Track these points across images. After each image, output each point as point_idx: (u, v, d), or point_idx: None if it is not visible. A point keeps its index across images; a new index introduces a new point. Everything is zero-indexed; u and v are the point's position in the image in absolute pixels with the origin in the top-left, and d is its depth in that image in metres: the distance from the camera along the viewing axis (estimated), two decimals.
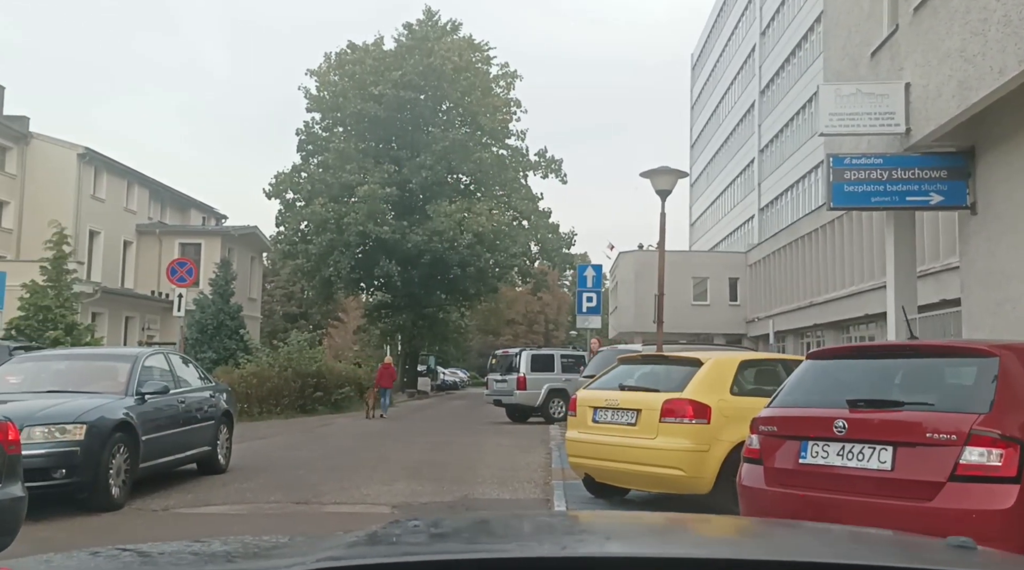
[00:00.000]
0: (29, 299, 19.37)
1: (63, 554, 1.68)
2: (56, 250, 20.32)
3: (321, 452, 14.18)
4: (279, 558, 1.61)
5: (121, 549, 1.73)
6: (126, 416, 8.17)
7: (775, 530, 2.26)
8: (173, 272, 18.78)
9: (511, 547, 1.69)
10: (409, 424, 22.02)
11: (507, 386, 22.51)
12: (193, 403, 9.94)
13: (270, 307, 54.25)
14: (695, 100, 77.53)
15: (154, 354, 9.74)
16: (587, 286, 22.06)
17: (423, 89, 37.69)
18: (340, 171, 36.49)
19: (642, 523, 2.33)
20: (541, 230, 39.31)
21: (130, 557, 1.71)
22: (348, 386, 27.57)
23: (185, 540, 1.83)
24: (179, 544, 1.77)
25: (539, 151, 40.65)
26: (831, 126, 10.58)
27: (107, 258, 39.31)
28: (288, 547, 1.72)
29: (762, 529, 2.29)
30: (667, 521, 2.69)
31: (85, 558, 1.69)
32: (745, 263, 51.08)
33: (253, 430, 18.69)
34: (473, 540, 1.82)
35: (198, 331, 24.94)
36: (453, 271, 37.36)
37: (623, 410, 7.73)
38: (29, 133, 37.46)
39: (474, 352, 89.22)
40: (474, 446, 15.46)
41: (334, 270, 36.99)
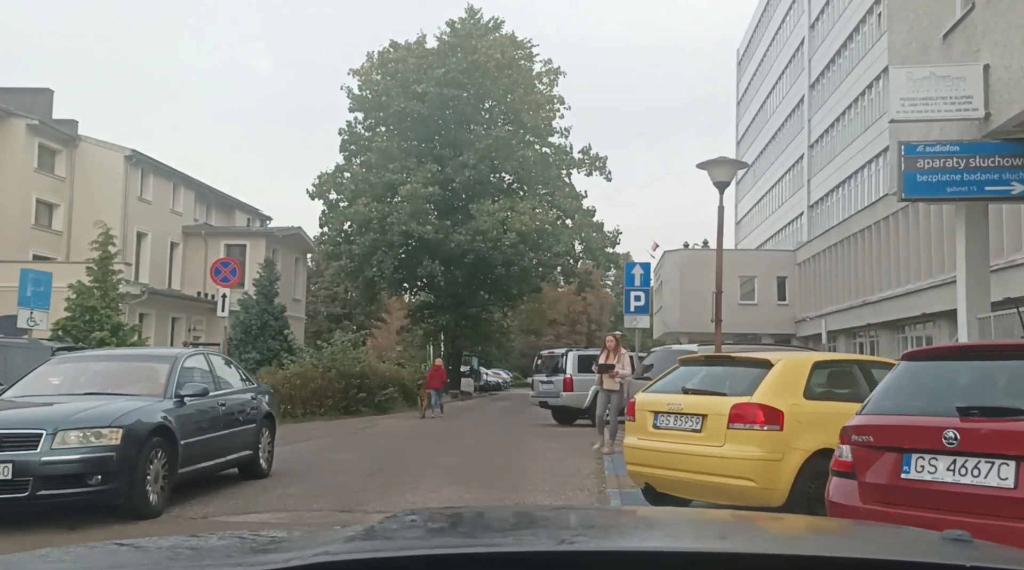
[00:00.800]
0: (75, 300, 19.37)
1: (60, 549, 1.68)
2: (102, 251, 20.32)
3: (365, 455, 13.84)
4: (276, 553, 1.59)
5: (119, 544, 1.73)
6: (164, 419, 7.85)
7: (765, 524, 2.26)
8: (217, 272, 18.63)
9: (508, 541, 1.67)
10: (454, 426, 21.64)
11: (553, 387, 21.99)
12: (234, 405, 9.62)
13: (314, 308, 54.47)
14: (740, 96, 76.34)
15: (194, 355, 9.43)
16: (635, 285, 21.44)
17: (466, 87, 37.35)
18: (383, 170, 36.31)
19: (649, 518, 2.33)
20: (585, 229, 38.72)
21: (127, 552, 1.71)
22: (392, 387, 27.31)
23: (182, 535, 1.83)
24: (176, 539, 1.78)
25: (583, 148, 40.09)
26: (903, 111, 9.92)
27: (154, 259, 39.70)
28: (286, 542, 1.71)
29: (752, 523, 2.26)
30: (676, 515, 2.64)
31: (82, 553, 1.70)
32: (794, 261, 49.97)
33: (296, 432, 18.46)
34: (470, 534, 1.82)
35: (242, 332, 24.87)
36: (496, 271, 36.94)
37: (687, 415, 7.19)
38: (77, 136, 37.95)
39: (516, 352, 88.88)
40: (522, 449, 15.00)
41: (377, 270, 36.85)
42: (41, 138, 35.88)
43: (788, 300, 49.63)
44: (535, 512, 2.48)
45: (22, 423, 7.09)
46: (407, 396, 29.44)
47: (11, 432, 6.92)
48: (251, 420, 10.00)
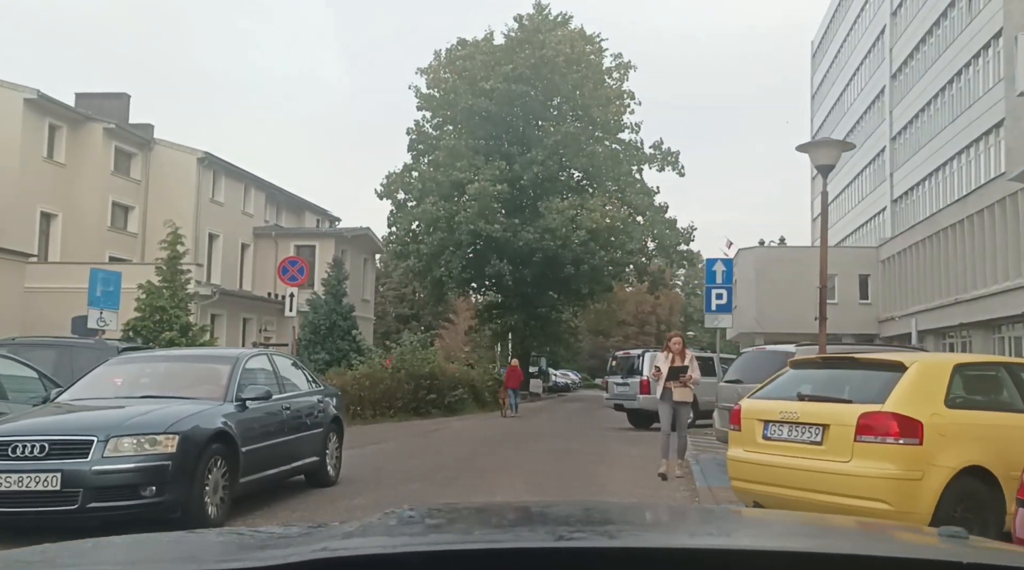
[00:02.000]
0: (145, 300, 19.27)
1: (58, 544, 1.70)
2: (170, 250, 20.21)
3: (436, 461, 13.19)
4: (275, 550, 1.55)
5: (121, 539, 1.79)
6: (224, 425, 7.27)
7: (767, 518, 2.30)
8: (284, 271, 18.28)
9: (506, 537, 1.68)
10: (527, 428, 20.90)
11: (629, 390, 21.04)
12: (299, 409, 9.04)
13: (383, 308, 54.58)
14: (816, 90, 74.03)
15: (256, 355, 8.87)
16: (716, 282, 20.40)
17: (534, 83, 36.60)
18: (450, 169, 35.83)
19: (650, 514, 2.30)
20: (657, 225, 37.56)
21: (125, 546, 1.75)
22: (461, 388, 26.74)
23: (179, 531, 1.86)
24: (175, 535, 1.80)
25: (655, 143, 38.94)
26: None
27: (226, 261, 40.05)
28: (284, 538, 1.71)
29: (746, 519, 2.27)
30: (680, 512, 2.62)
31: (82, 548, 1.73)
32: (876, 258, 47.92)
33: (366, 434, 17.98)
34: (468, 531, 1.83)
35: (311, 332, 24.58)
36: (566, 270, 36.08)
37: (804, 425, 6.28)
38: (152, 139, 38.48)
39: (584, 353, 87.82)
40: (600, 456, 14.16)
41: (445, 270, 36.38)
42: (118, 142, 36.47)
43: (871, 299, 47.58)
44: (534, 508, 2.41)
45: (72, 429, 6.59)
46: (477, 397, 28.85)
47: (60, 438, 6.41)
48: (317, 424, 9.41)
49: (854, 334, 46.74)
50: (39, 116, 33.09)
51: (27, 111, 32.41)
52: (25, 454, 6.27)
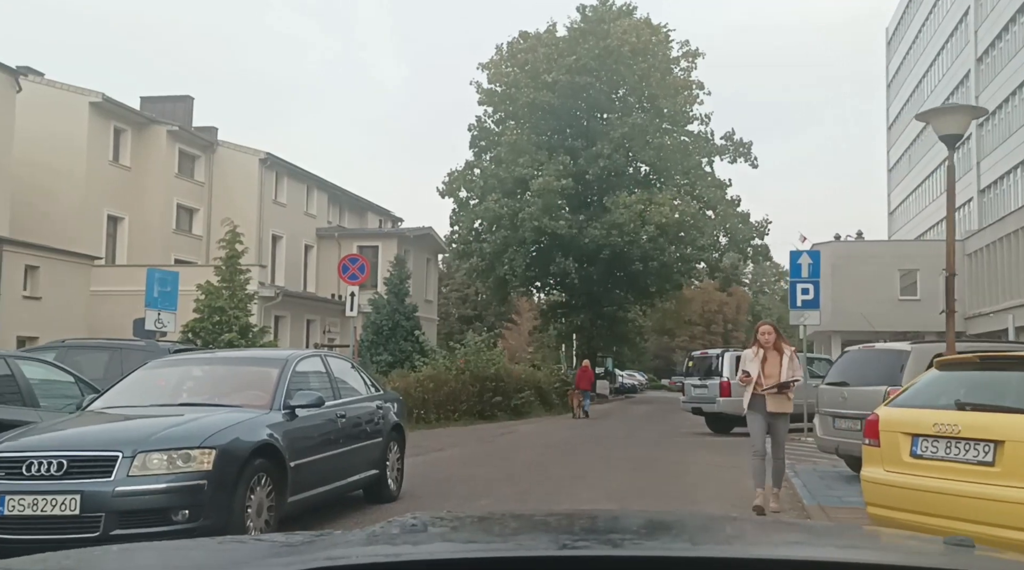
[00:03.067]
0: (204, 300, 18.75)
1: (59, 553, 1.70)
2: (229, 249, 19.66)
3: (506, 470, 12.18)
4: (279, 557, 1.56)
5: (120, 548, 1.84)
6: (269, 437, 6.37)
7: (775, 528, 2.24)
8: (344, 269, 17.51)
9: (508, 546, 1.68)
10: (598, 433, 19.76)
11: (708, 392, 19.71)
12: (357, 417, 8.11)
13: (445, 310, 54.15)
14: (891, 78, 71.13)
15: (308, 357, 7.95)
16: (801, 276, 18.95)
17: (598, 74, 35.32)
18: (513, 165, 34.82)
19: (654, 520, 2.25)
20: (730, 219, 35.94)
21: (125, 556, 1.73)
22: (528, 390, 25.74)
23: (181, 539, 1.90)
24: (176, 543, 1.82)
25: (726, 134, 37.30)
26: None
27: (289, 262, 39.87)
28: (287, 546, 1.68)
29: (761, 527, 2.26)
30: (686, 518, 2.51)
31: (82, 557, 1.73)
32: (963, 252, 45.32)
33: (430, 439, 17.10)
34: (471, 539, 1.82)
35: (373, 332, 23.86)
36: (634, 266, 34.73)
37: (969, 441, 5.06)
38: (215, 141, 38.48)
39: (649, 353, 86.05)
40: (684, 466, 12.97)
41: (509, 268, 35.39)
42: (181, 144, 36.50)
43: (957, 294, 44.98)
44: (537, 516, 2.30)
45: (94, 443, 5.73)
46: (543, 400, 27.82)
47: (80, 454, 5.56)
48: (376, 433, 8.48)
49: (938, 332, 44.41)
50: (104, 119, 33.24)
51: (93, 115, 32.57)
52: (41, 472, 5.45)
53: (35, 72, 34.28)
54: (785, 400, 8.57)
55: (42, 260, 25.33)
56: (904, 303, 44.21)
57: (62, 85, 32.92)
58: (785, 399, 8.56)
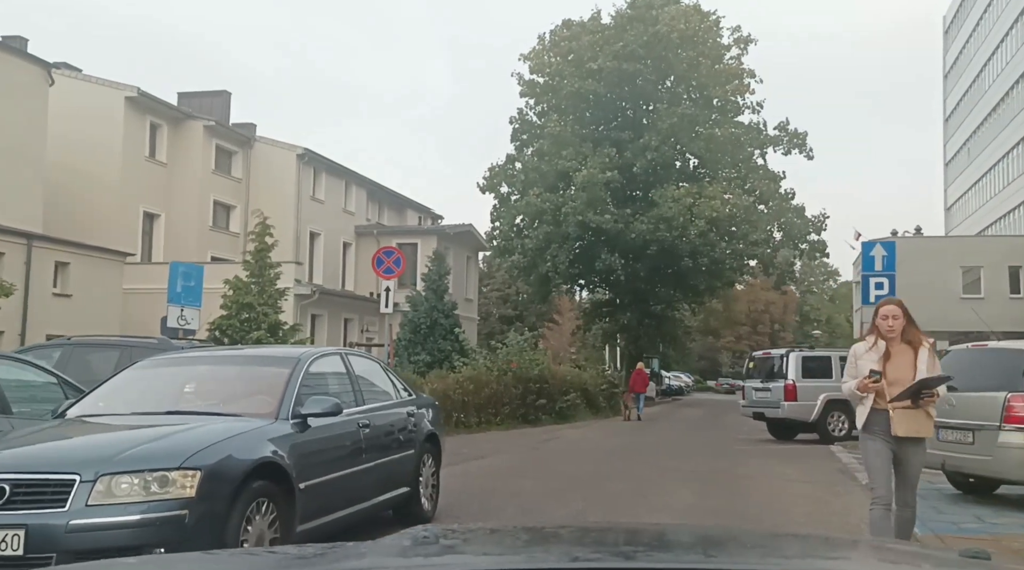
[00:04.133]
0: (231, 296, 17.73)
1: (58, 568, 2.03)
2: (258, 242, 18.62)
3: (554, 483, 10.89)
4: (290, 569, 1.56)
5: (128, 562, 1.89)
6: (273, 454, 5.15)
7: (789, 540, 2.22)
8: (379, 262, 16.39)
9: (519, 559, 1.67)
10: (651, 440, 18.36)
11: (771, 396, 18.19)
12: (384, 426, 6.89)
13: (486, 309, 53.31)
14: (948, 69, 68.54)
15: (325, 355, 6.67)
16: (875, 269, 17.32)
17: (646, 61, 33.77)
18: (556, 158, 33.47)
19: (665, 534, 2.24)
20: (784, 214, 34.18)
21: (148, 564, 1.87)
22: (573, 392, 24.40)
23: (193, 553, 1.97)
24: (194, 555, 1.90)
25: (779, 124, 35.55)
26: None
27: (327, 259, 39.04)
28: (300, 558, 1.69)
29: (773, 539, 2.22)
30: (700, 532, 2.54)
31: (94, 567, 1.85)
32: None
33: (469, 445, 15.88)
34: (482, 551, 1.80)
35: (411, 331, 22.70)
36: (683, 263, 33.17)
37: None
38: (252, 137, 37.77)
39: (694, 354, 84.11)
40: (754, 480, 11.55)
41: (551, 265, 34.01)
42: (218, 139, 35.83)
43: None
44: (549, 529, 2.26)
45: (47, 463, 4.53)
46: (590, 402, 26.46)
47: (27, 478, 4.37)
48: (408, 445, 7.25)
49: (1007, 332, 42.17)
50: (140, 115, 32.65)
51: (128, 110, 31.99)
52: None
53: (72, 68, 33.88)
54: (923, 418, 5.57)
55: (73, 257, 24.67)
56: (966, 301, 42.06)
57: (97, 79, 32.41)
58: (923, 416, 5.57)
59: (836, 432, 17.76)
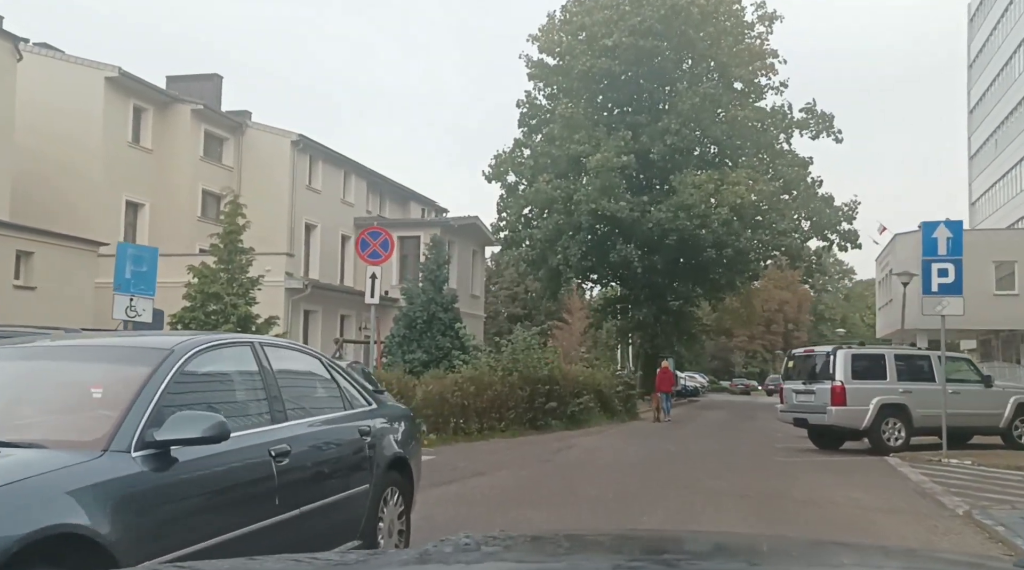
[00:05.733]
0: (196, 285, 15.47)
1: None
2: (228, 223, 16.34)
3: (572, 513, 8.58)
4: None
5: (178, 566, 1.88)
6: (79, 520, 2.87)
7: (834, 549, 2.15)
8: (364, 245, 14.17)
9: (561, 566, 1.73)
10: (680, 449, 15.98)
11: (815, 400, 15.79)
12: (317, 453, 4.58)
13: (494, 308, 51.36)
14: (974, 58, 66.06)
15: (217, 346, 4.20)
16: (938, 253, 15.01)
17: (665, 37, 31.32)
18: (567, 142, 31.09)
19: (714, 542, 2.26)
20: (812, 201, 31.72)
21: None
22: (587, 394, 22.05)
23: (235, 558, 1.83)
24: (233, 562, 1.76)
25: (806, 106, 33.09)
26: None
27: (324, 253, 36.83)
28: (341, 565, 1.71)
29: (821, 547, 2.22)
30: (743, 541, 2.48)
31: None
32: None
33: (469, 457, 13.61)
34: (524, 558, 1.82)
35: (405, 326, 20.35)
36: (705, 254, 30.75)
37: None
38: (245, 122, 35.57)
39: (707, 354, 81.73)
40: (820, 508, 9.19)
41: (562, 257, 31.61)
42: (207, 125, 33.63)
43: None
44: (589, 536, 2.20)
45: None
46: (604, 405, 24.12)
47: None
48: (360, 477, 4.97)
49: None
50: (122, 97, 30.48)
51: (109, 91, 29.81)
52: None
53: (54, 49, 31.77)
54: None
55: (38, 246, 22.46)
56: (1000, 298, 39.60)
57: (75, 59, 30.25)
58: None
59: (892, 442, 15.39)
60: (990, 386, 16.52)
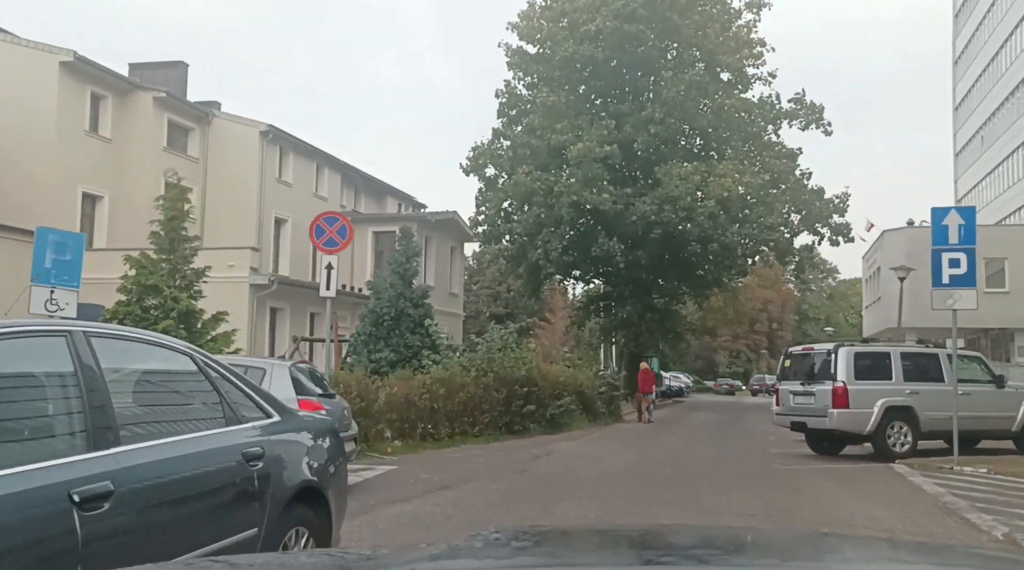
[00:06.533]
0: (133, 277, 13.96)
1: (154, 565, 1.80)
2: (169, 209, 14.82)
3: None
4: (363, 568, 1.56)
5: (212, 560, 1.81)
6: None
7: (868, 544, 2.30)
8: (319, 232, 12.76)
9: (590, 560, 1.72)
10: (670, 456, 14.62)
11: (815, 402, 14.49)
12: (159, 492, 3.14)
13: (476, 308, 50.07)
14: (959, 55, 65.51)
15: (8, 335, 2.96)
16: (949, 242, 13.77)
17: (649, 24, 29.99)
18: (548, 132, 29.70)
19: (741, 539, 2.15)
20: (802, 194, 30.52)
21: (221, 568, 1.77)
22: (568, 395, 20.69)
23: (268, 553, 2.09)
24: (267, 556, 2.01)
25: (795, 96, 31.92)
26: None
27: (295, 248, 35.26)
28: (371, 560, 1.70)
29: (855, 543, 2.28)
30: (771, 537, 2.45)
31: None
32: None
33: (435, 466, 12.24)
34: (554, 553, 1.79)
35: (371, 323, 18.86)
36: (690, 248, 29.45)
37: None
38: (211, 112, 33.94)
39: (690, 354, 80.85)
40: (834, 527, 7.86)
41: (542, 252, 30.20)
42: (171, 114, 31.98)
43: None
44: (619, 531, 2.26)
45: None
46: (587, 407, 22.78)
47: None
48: (240, 520, 3.57)
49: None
50: (79, 83, 28.79)
51: (64, 77, 28.11)
52: None
53: (5, 32, 30.05)
54: None
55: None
56: (989, 296, 38.64)
57: (28, 42, 28.56)
58: None
59: (898, 447, 14.13)
60: (1002, 386, 15.29)
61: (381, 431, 13.40)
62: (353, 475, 11.06)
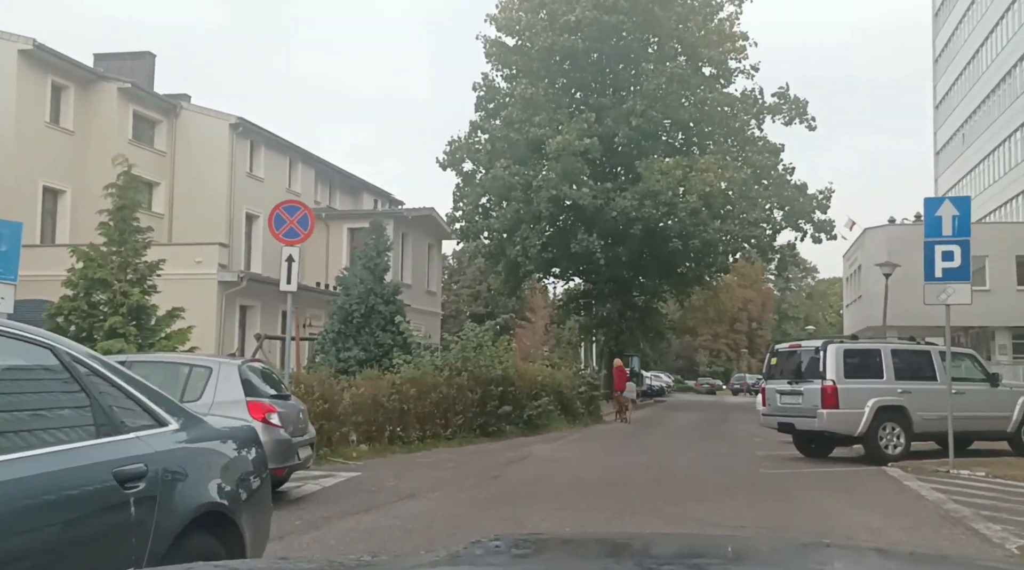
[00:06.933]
0: (80, 270, 13.04)
1: None
2: (119, 197, 13.91)
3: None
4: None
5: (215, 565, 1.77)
6: None
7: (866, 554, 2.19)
8: (279, 222, 11.91)
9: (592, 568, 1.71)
10: (653, 460, 13.88)
11: (803, 402, 13.82)
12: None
13: (456, 308, 49.38)
14: (939, 53, 65.53)
15: None
16: (942, 234, 13.14)
17: (630, 15, 29.32)
18: (527, 125, 28.96)
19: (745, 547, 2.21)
20: (787, 190, 29.95)
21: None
22: (546, 396, 19.94)
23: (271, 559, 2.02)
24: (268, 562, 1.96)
25: (779, 91, 31.36)
26: None
27: (267, 245, 34.26)
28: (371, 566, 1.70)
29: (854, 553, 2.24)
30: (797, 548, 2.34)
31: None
32: None
33: (402, 472, 11.46)
34: (554, 561, 1.79)
35: (341, 320, 18.01)
36: (671, 245, 28.82)
37: None
38: (179, 104, 32.90)
39: (671, 353, 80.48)
40: (834, 540, 7.17)
41: (521, 248, 29.45)
42: (137, 105, 30.94)
43: None
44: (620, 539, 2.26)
45: None
46: (566, 408, 22.05)
47: None
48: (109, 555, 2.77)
49: (1011, 327, 38.66)
50: (39, 73, 27.73)
51: (23, 66, 27.05)
52: None
53: None
54: None
55: None
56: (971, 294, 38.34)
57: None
58: None
59: (890, 449, 13.48)
60: (996, 385, 14.69)
61: (346, 435, 12.61)
62: (311, 483, 10.26)
